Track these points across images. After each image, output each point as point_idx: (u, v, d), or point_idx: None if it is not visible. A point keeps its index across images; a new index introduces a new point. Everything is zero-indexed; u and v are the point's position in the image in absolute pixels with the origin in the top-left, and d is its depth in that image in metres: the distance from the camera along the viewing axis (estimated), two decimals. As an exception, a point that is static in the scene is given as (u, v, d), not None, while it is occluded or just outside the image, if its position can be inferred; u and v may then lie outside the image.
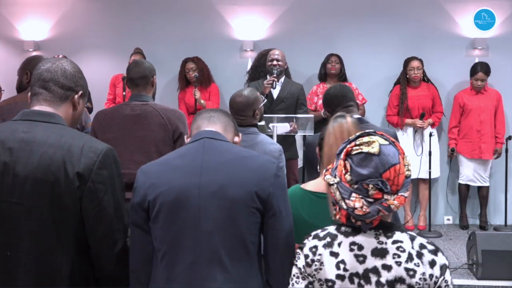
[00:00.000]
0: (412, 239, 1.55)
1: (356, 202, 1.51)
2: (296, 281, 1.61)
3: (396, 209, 1.53)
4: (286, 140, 4.82)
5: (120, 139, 3.02)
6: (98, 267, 1.76)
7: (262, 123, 4.31)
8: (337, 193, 1.56)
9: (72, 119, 1.83)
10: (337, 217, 1.58)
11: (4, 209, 1.66)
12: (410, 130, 5.76)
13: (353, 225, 1.56)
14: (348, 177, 1.54)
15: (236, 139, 1.93)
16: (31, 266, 1.67)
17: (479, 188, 5.86)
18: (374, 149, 1.53)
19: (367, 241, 1.54)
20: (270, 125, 4.35)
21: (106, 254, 1.73)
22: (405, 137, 5.72)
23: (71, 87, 1.79)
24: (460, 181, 5.89)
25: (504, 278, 4.27)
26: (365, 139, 1.57)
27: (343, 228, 1.58)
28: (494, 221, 6.02)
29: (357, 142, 1.57)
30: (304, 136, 5.82)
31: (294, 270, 1.63)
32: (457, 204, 6.08)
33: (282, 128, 4.39)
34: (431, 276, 1.51)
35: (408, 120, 5.73)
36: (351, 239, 1.56)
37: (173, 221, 1.70)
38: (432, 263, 1.52)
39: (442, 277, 1.52)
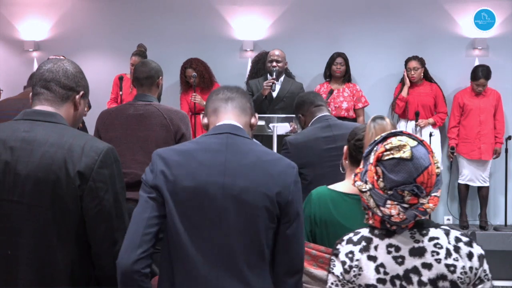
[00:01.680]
0: (447, 233, 1.53)
1: (392, 209, 1.48)
2: None
3: (431, 211, 1.51)
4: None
5: (122, 138, 3.03)
6: (98, 266, 1.75)
7: (262, 123, 4.31)
8: (371, 200, 1.52)
9: (73, 119, 1.83)
10: (370, 222, 1.56)
11: (5, 208, 1.66)
12: (409, 128, 5.76)
13: (388, 228, 1.54)
14: (381, 183, 1.51)
15: (253, 120, 1.87)
16: (31, 265, 1.66)
17: (479, 188, 5.85)
18: (406, 153, 1.49)
19: (404, 242, 1.52)
20: (270, 125, 4.35)
21: (107, 253, 1.72)
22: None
23: (73, 87, 1.80)
24: (460, 181, 5.89)
25: (504, 278, 4.28)
26: (394, 141, 1.52)
27: (376, 231, 1.56)
28: (494, 221, 6.01)
29: (387, 147, 1.52)
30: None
31: (332, 279, 1.58)
32: (457, 204, 6.08)
33: (282, 128, 4.39)
34: (471, 268, 1.49)
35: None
36: (387, 241, 1.53)
37: (193, 218, 1.66)
38: (470, 255, 1.50)
39: (481, 268, 1.51)
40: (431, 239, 1.51)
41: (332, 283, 1.58)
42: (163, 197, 1.66)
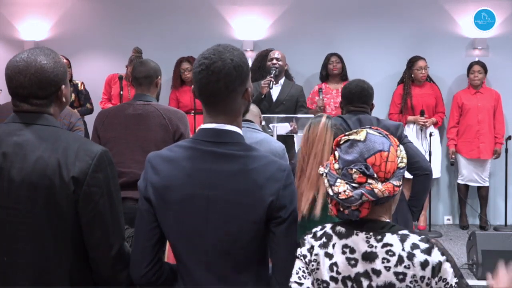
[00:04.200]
0: (403, 240, 1.48)
1: (341, 187, 1.50)
2: (302, 276, 1.59)
3: (381, 194, 1.48)
4: (286, 142, 4.80)
5: (121, 138, 3.03)
6: (95, 271, 1.74)
7: (262, 123, 4.31)
8: (326, 181, 1.55)
9: (60, 110, 1.79)
10: (329, 209, 1.57)
11: (0, 214, 1.64)
12: (413, 128, 5.75)
13: (344, 216, 1.53)
14: (336, 165, 1.55)
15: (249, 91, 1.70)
16: (29, 271, 1.65)
17: (479, 188, 5.85)
18: (360, 136, 1.54)
19: (359, 245, 1.51)
20: (270, 125, 4.34)
21: (103, 257, 1.71)
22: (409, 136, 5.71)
23: (52, 91, 1.71)
24: (459, 181, 5.89)
25: (504, 278, 4.27)
26: (356, 130, 1.58)
27: (337, 228, 1.56)
28: (494, 221, 6.02)
29: (347, 133, 1.58)
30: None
31: (299, 264, 1.60)
32: (457, 204, 6.08)
33: (282, 128, 4.38)
34: (422, 278, 1.45)
35: (410, 118, 5.72)
36: (344, 241, 1.53)
37: (182, 228, 1.64)
38: (424, 264, 1.45)
39: (435, 278, 1.45)
40: (384, 245, 1.48)
41: (299, 268, 1.60)
42: (155, 210, 1.66)
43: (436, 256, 1.46)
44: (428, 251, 1.47)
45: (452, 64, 6.05)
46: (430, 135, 5.59)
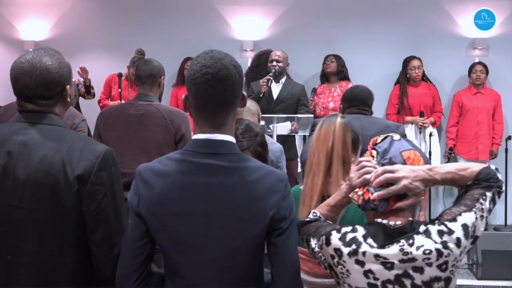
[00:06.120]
0: (428, 235, 1.48)
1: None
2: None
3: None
4: (286, 141, 4.82)
5: (122, 138, 3.04)
6: (97, 270, 1.75)
7: (262, 123, 4.31)
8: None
9: (65, 110, 1.80)
10: (356, 196, 1.60)
11: (5, 212, 1.65)
12: (412, 129, 5.75)
13: (369, 207, 1.56)
14: (374, 160, 1.62)
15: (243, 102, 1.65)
16: (32, 270, 1.66)
17: (478, 188, 5.84)
18: (396, 137, 1.64)
19: (393, 256, 1.49)
20: (271, 125, 4.34)
21: (105, 256, 1.71)
22: (408, 136, 5.71)
23: (57, 91, 1.72)
24: (460, 181, 5.87)
25: (504, 278, 4.29)
26: (392, 134, 1.68)
27: (369, 240, 1.53)
28: (494, 221, 6.01)
29: (382, 136, 1.67)
30: (304, 137, 5.83)
31: (314, 244, 1.63)
32: (457, 204, 6.07)
33: (282, 128, 4.39)
34: (462, 251, 1.48)
35: (409, 118, 5.71)
36: (375, 251, 1.51)
37: (180, 244, 1.58)
38: (458, 243, 1.47)
39: (470, 239, 1.49)
40: (418, 248, 1.48)
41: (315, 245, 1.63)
42: (147, 226, 1.59)
43: (456, 228, 1.48)
44: (450, 230, 1.48)
45: (452, 64, 6.05)
46: (430, 135, 5.59)
